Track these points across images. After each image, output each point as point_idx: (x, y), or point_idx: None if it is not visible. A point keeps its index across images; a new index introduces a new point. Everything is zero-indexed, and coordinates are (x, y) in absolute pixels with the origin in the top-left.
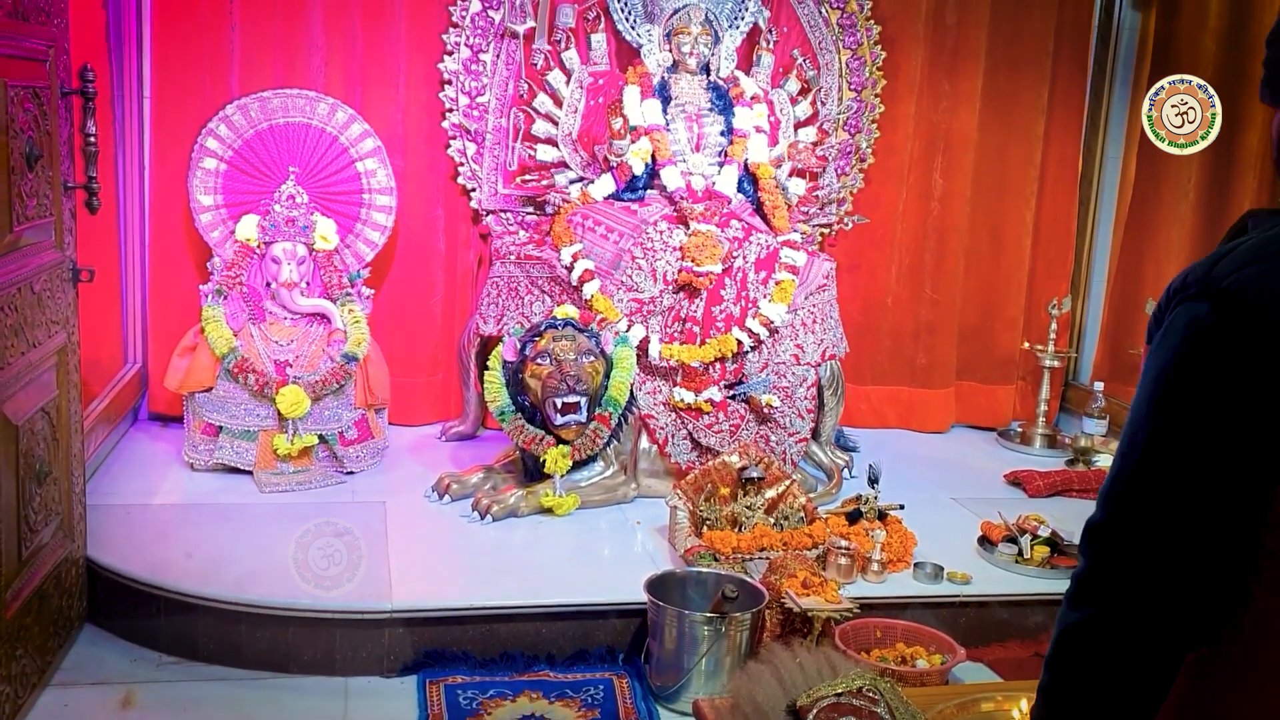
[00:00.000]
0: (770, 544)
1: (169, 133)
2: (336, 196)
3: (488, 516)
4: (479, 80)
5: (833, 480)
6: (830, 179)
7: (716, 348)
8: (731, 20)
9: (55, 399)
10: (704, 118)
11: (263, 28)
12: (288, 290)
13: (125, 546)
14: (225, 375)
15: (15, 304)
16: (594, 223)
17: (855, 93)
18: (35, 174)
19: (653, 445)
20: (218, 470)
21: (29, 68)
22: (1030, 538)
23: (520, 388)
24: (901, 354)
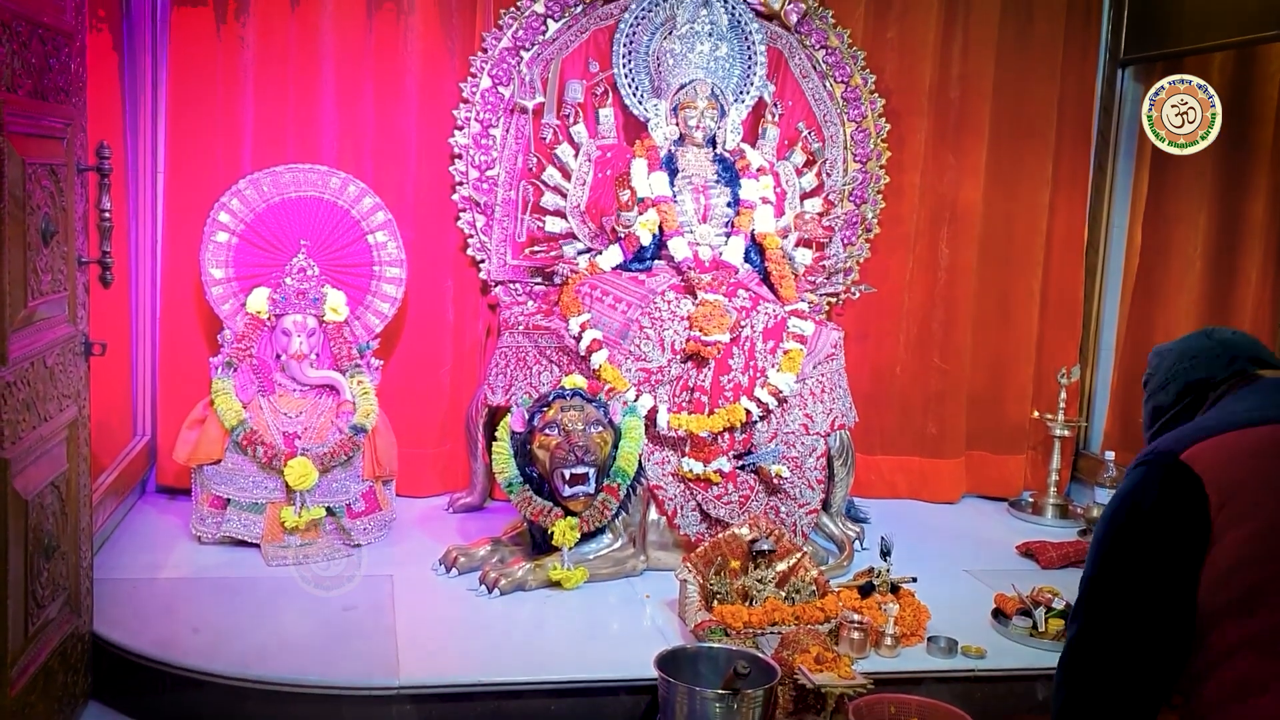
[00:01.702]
0: (782, 618)
1: (182, 207)
2: (347, 269)
3: (495, 590)
4: (489, 154)
5: (844, 552)
6: (836, 249)
7: (725, 417)
8: (737, 94)
9: (65, 473)
10: (710, 189)
11: (276, 104)
12: (298, 362)
13: (132, 622)
14: (234, 447)
15: (28, 378)
16: (602, 293)
17: (860, 164)
18: (50, 249)
19: (661, 517)
20: (225, 543)
21: (47, 145)
22: (1045, 610)
23: (528, 459)
24: (911, 423)
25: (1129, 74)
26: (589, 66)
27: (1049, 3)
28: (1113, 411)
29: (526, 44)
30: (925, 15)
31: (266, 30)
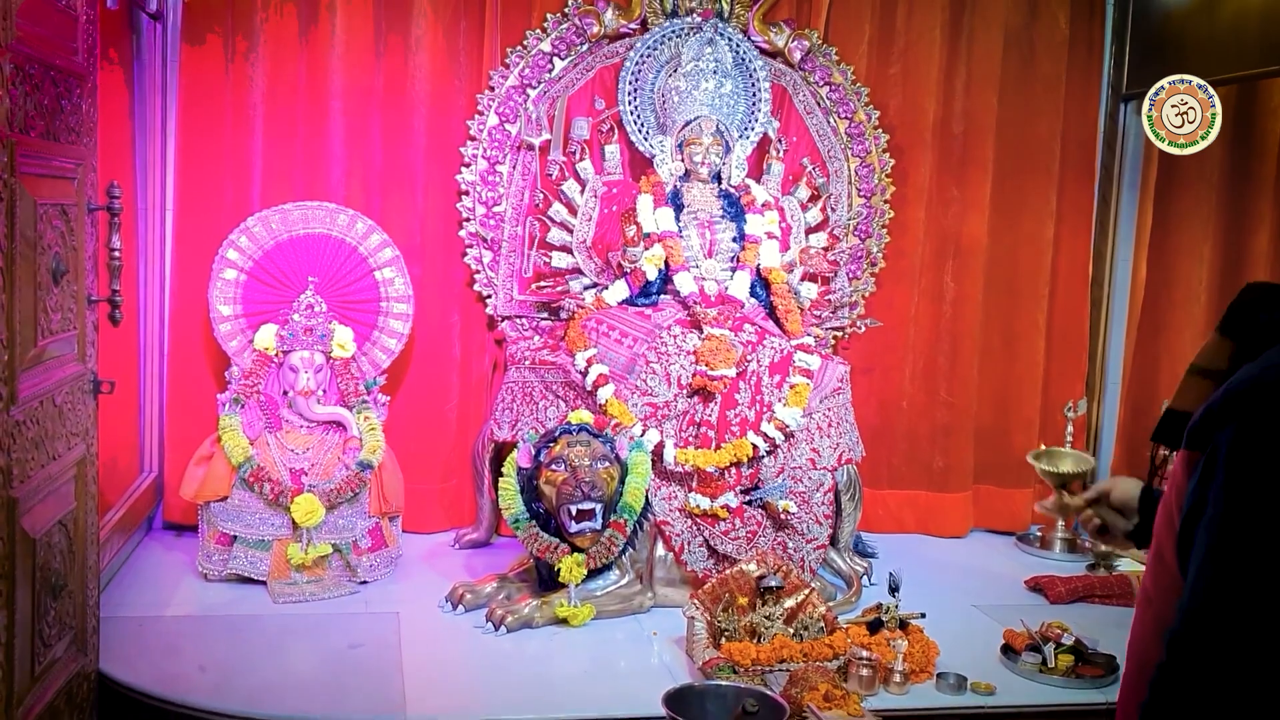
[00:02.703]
0: (790, 655)
1: (191, 244)
2: (354, 305)
3: (502, 627)
4: (495, 190)
5: (852, 588)
6: (842, 283)
7: (732, 452)
8: (742, 130)
9: (73, 511)
10: (716, 224)
11: (285, 142)
12: (304, 398)
13: (138, 660)
14: (241, 484)
15: (37, 417)
16: (608, 328)
17: (865, 199)
18: (61, 288)
19: (669, 553)
20: (232, 580)
21: (58, 185)
22: (1054, 646)
23: (535, 494)
24: (918, 457)
25: (1131, 108)
26: (595, 104)
27: (1051, 38)
28: (1119, 445)
29: (533, 82)
30: (928, 51)
31: (275, 69)
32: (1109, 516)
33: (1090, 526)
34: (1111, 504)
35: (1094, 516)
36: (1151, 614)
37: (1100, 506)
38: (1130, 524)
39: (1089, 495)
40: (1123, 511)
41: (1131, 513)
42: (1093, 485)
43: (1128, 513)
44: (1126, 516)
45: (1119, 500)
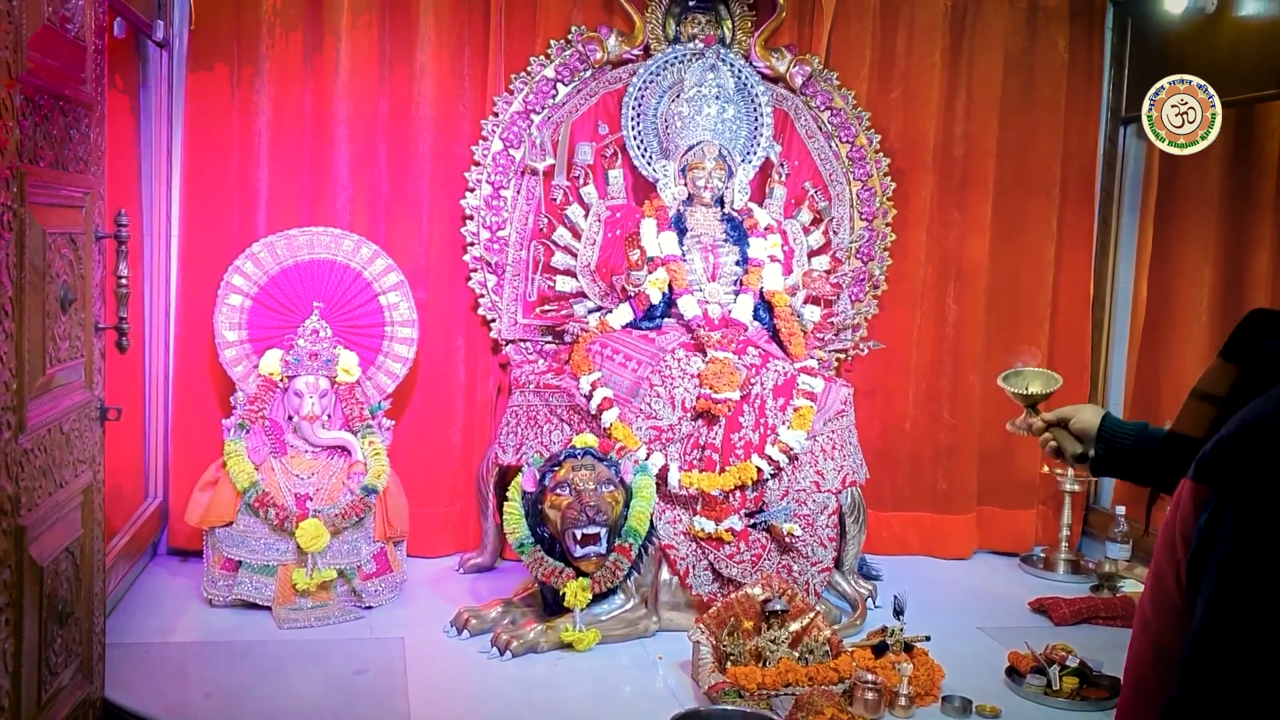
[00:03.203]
0: (796, 679)
1: (196, 270)
2: (359, 330)
3: (507, 652)
4: (500, 215)
5: (857, 611)
6: (845, 306)
7: (736, 475)
8: (744, 155)
9: (80, 538)
10: (719, 248)
11: (291, 168)
12: (309, 423)
13: (143, 687)
14: (246, 509)
15: (45, 445)
16: (612, 351)
17: (867, 222)
18: (69, 317)
19: (674, 577)
20: (237, 606)
21: (66, 214)
22: (1059, 668)
23: (540, 518)
24: (921, 479)
25: (1131, 131)
26: (598, 129)
27: (1050, 62)
28: None
29: (537, 108)
30: (928, 76)
31: (281, 96)
32: (1065, 441)
33: (1047, 448)
34: (1070, 430)
35: (1051, 439)
36: (1149, 636)
37: (1058, 430)
38: (1083, 450)
39: (1049, 417)
40: (1080, 439)
41: (1089, 441)
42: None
43: (1085, 441)
44: (1084, 444)
45: (1078, 428)
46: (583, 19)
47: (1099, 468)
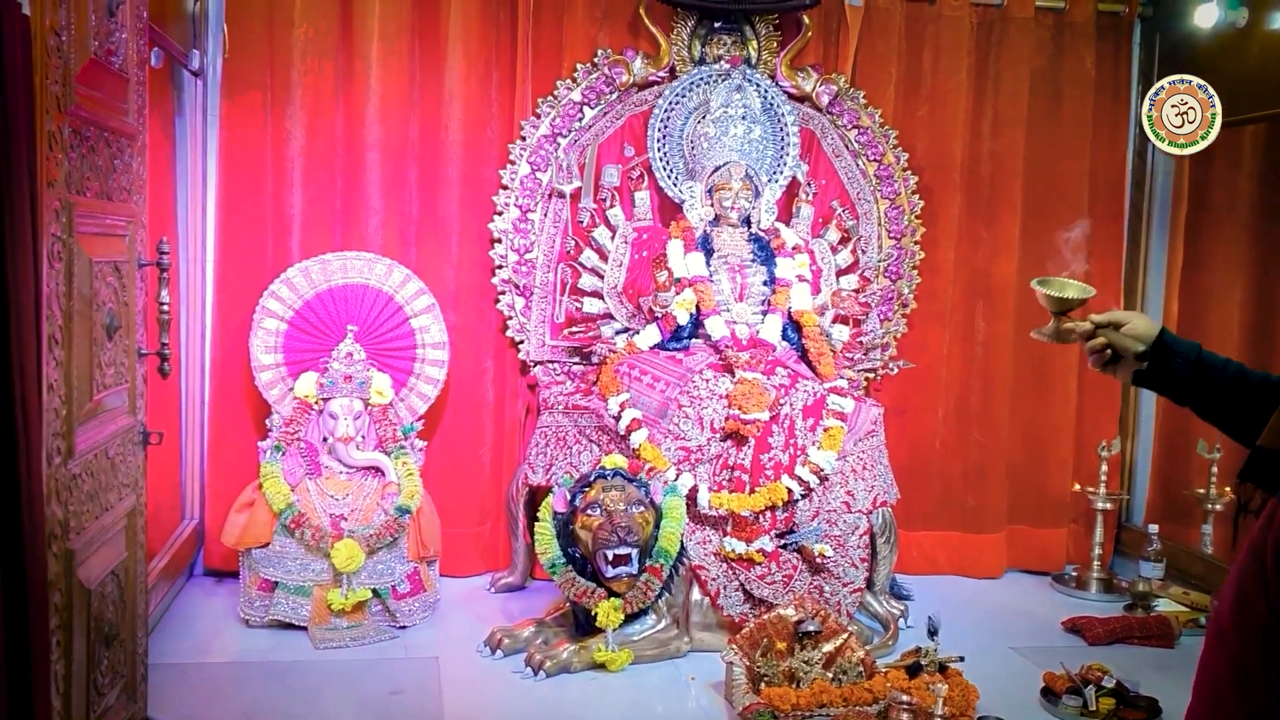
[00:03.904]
0: (830, 700)
1: (231, 295)
2: (392, 352)
3: (540, 672)
4: (527, 238)
5: (889, 631)
6: (873, 325)
7: (766, 496)
8: (771, 175)
9: (124, 561)
10: (747, 268)
11: (323, 193)
12: (344, 445)
13: (183, 707)
14: (282, 530)
15: (92, 470)
16: (640, 372)
17: (895, 240)
18: (114, 343)
19: (705, 597)
20: (273, 626)
21: (111, 243)
22: (1095, 688)
23: (571, 539)
24: (951, 498)
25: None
26: (625, 151)
27: (1078, 79)
28: (1154, 484)
29: (564, 131)
30: (955, 94)
31: (313, 123)
32: (1124, 341)
33: (1097, 348)
34: (1125, 334)
35: (1104, 341)
36: (1227, 654)
37: (1112, 331)
38: (1143, 350)
39: (1100, 318)
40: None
41: (1144, 344)
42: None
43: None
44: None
45: (1133, 332)
46: (608, 42)
47: (1143, 378)
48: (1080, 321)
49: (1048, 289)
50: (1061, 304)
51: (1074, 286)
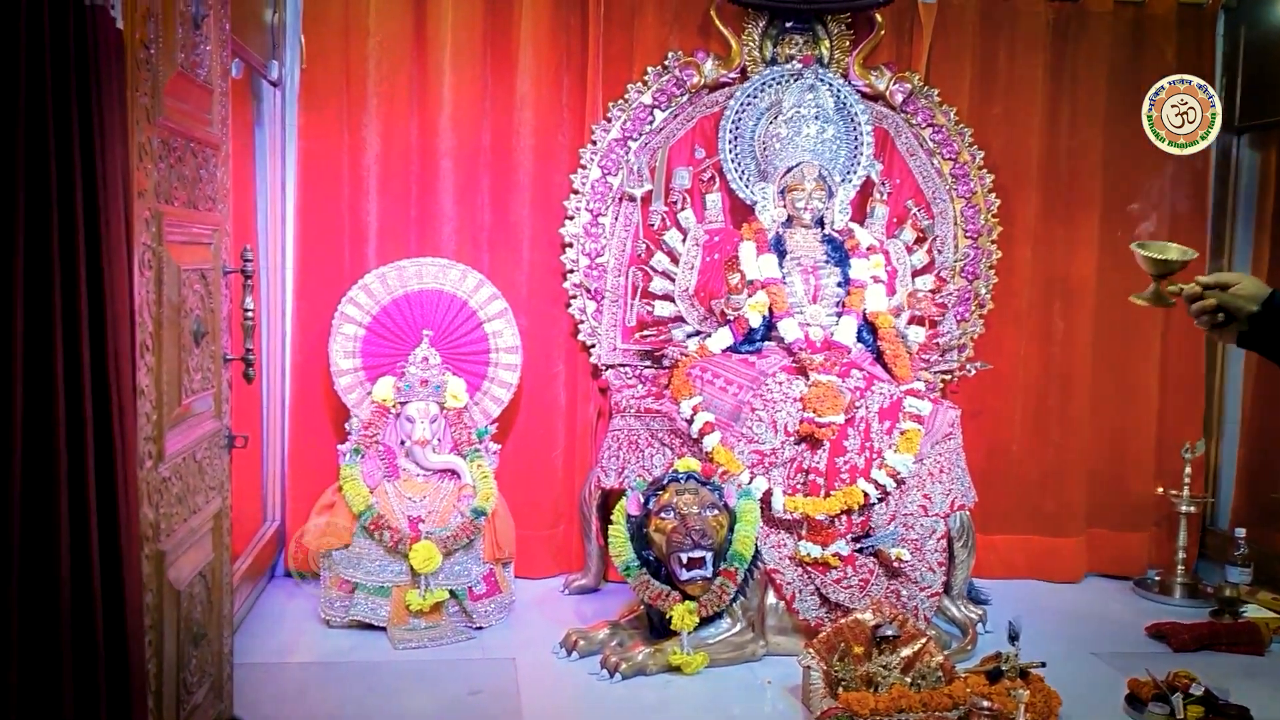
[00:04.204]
0: (909, 705)
1: (310, 302)
2: (466, 357)
3: (616, 674)
4: (598, 242)
5: (967, 636)
6: (950, 326)
7: (842, 500)
8: (844, 175)
9: (211, 562)
10: (820, 270)
11: (398, 201)
12: (421, 448)
13: (268, 706)
14: (361, 532)
15: (181, 473)
16: (713, 375)
17: (971, 240)
18: (201, 349)
19: (780, 601)
20: (353, 627)
21: (197, 251)
22: (1183, 696)
23: (645, 542)
24: (1029, 501)
25: (1245, 141)
26: (695, 153)
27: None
28: (1240, 486)
29: (634, 134)
30: (1031, 90)
31: (389, 131)
32: (1236, 301)
33: (1208, 309)
34: (1235, 295)
35: (1215, 302)
36: None
37: (1221, 293)
38: (1257, 310)
39: (1207, 279)
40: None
41: (1255, 305)
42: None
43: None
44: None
45: (1245, 293)
46: (679, 44)
47: (1249, 340)
48: (1183, 285)
49: (1148, 251)
50: (1162, 267)
51: (1175, 249)
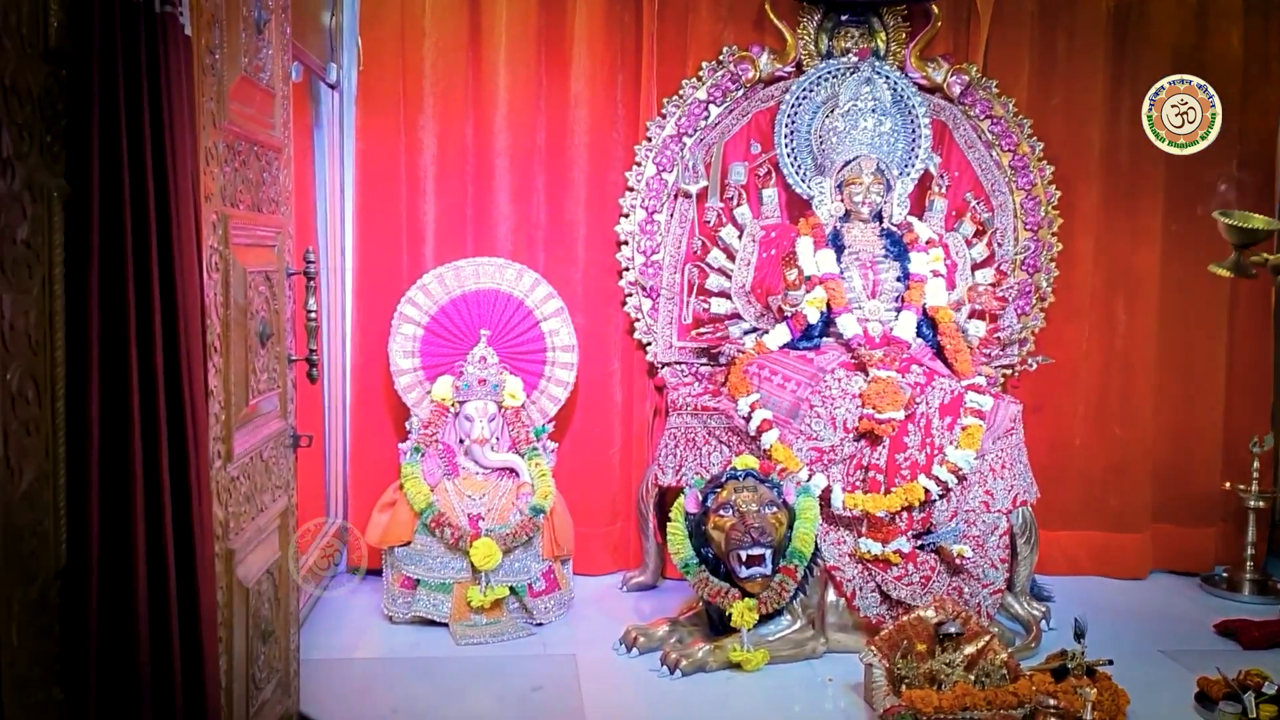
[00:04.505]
0: (974, 703)
1: (369, 302)
2: (523, 356)
3: (676, 671)
4: (653, 239)
5: (1031, 633)
6: (1010, 319)
7: (903, 496)
8: (902, 168)
9: (278, 560)
10: (879, 264)
11: (454, 201)
12: (480, 446)
13: (333, 702)
14: (422, 529)
15: (248, 472)
16: (770, 372)
17: (1031, 232)
18: (266, 350)
19: (840, 598)
20: (415, 622)
21: (262, 253)
22: (1255, 694)
23: (703, 540)
24: (1092, 496)
25: None
26: (751, 148)
27: (1225, 58)
28: None
29: (689, 130)
30: (1091, 80)
31: (445, 132)
32: None
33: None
34: None
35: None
36: None
37: None
38: None
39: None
40: None
41: None
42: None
43: None
44: None
45: None
46: (734, 39)
47: None
48: (1267, 255)
49: (1231, 220)
50: (1246, 236)
51: (1259, 219)
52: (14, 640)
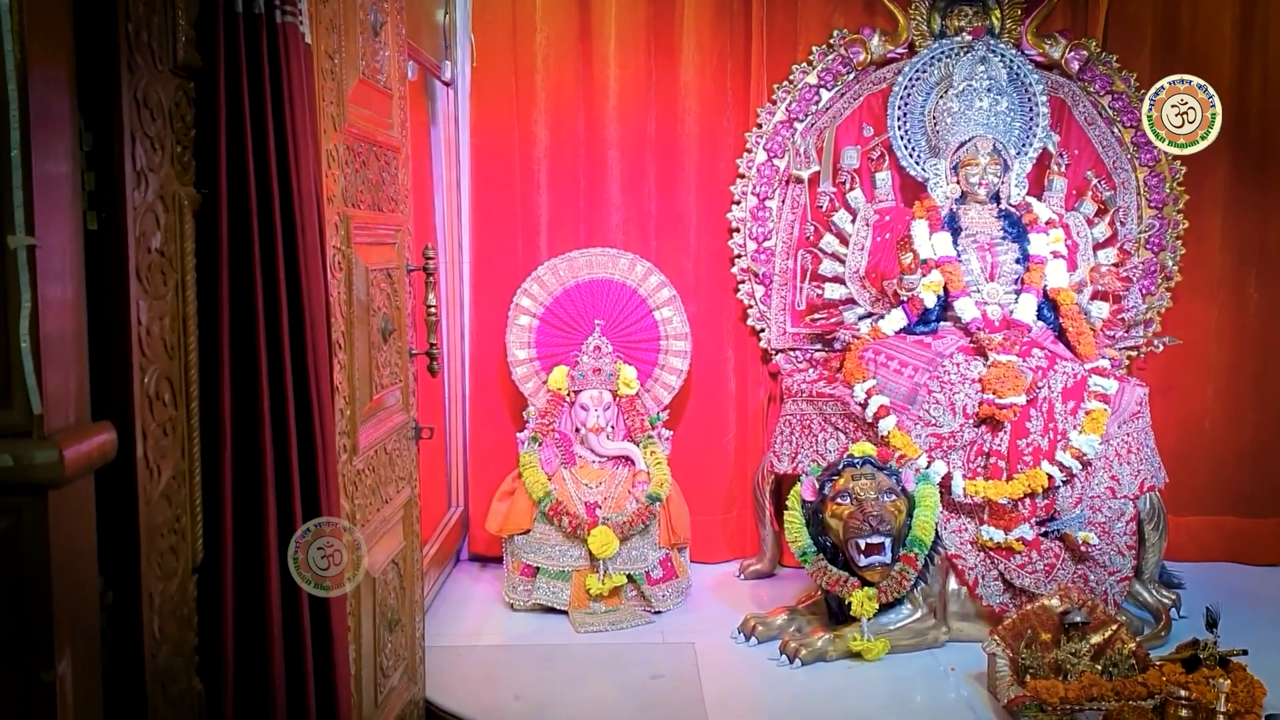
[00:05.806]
0: (1101, 693)
1: (486, 295)
2: (637, 344)
3: (796, 660)
4: (765, 226)
5: (1160, 622)
6: (1135, 300)
7: (1025, 483)
8: (1020, 148)
9: (403, 549)
10: (997, 246)
11: (568, 193)
12: (595, 435)
13: (459, 689)
14: (541, 518)
15: (373, 465)
16: (886, 358)
17: (1156, 210)
18: (389, 345)
19: (962, 587)
20: (535, 610)
21: (382, 251)
22: None
23: (821, 528)
24: (1223, 481)
25: None
26: (863, 131)
27: None
28: None
29: (800, 115)
30: (1217, 52)
31: (557, 125)
32: None
33: None
34: None
35: None
36: None
37: None
38: None
39: None
40: None
41: None
42: None
43: None
44: None
45: None
46: (844, 22)
47: None
48: None
49: None
50: None
51: None
52: (156, 633)
